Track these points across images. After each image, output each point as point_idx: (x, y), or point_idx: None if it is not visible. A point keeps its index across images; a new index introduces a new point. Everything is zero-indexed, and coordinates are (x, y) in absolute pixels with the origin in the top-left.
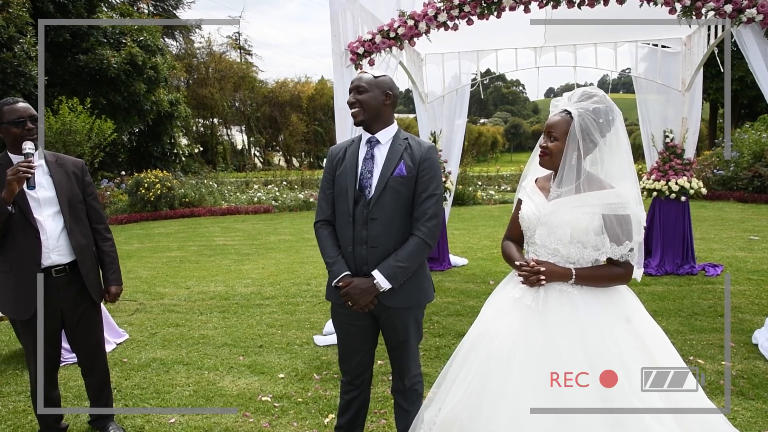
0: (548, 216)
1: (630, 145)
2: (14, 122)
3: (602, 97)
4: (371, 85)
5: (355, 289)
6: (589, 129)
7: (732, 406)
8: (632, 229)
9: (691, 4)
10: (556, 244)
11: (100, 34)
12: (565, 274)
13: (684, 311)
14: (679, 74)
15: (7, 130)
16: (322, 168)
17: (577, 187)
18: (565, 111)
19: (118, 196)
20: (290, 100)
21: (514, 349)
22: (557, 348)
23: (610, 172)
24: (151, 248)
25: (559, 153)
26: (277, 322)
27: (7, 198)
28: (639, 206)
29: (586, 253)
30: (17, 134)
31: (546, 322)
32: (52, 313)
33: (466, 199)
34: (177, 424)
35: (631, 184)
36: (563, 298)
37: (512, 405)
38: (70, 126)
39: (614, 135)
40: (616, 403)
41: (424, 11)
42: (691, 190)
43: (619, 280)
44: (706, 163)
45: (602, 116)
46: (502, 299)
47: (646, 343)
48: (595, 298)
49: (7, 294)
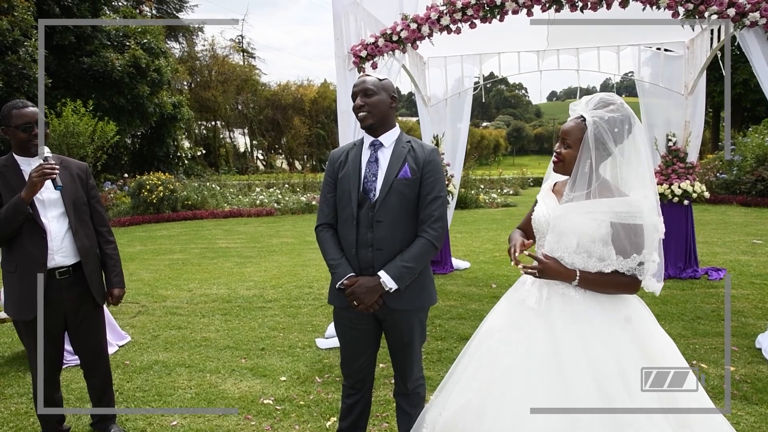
0: (557, 219)
1: (650, 153)
2: (22, 127)
3: (620, 106)
4: (378, 88)
5: (360, 288)
6: (602, 138)
7: (736, 411)
8: (643, 242)
9: (694, 7)
10: (561, 252)
11: (104, 36)
12: (570, 275)
13: (687, 315)
14: (682, 78)
15: (14, 134)
16: (325, 171)
17: (588, 194)
18: (581, 117)
19: (120, 199)
20: (293, 103)
21: (517, 351)
22: (558, 350)
23: (626, 180)
24: (154, 251)
25: (572, 160)
26: (279, 324)
27: (27, 197)
28: (655, 216)
29: (590, 263)
30: (24, 139)
31: (548, 324)
32: (55, 314)
33: (468, 203)
34: (179, 427)
35: (648, 193)
36: (565, 302)
37: (515, 406)
38: (73, 128)
39: (632, 143)
40: (616, 404)
41: (426, 14)
42: (693, 193)
43: (625, 289)
44: (709, 166)
45: (617, 125)
46: (508, 301)
47: (646, 345)
48: (597, 302)
49: (12, 294)
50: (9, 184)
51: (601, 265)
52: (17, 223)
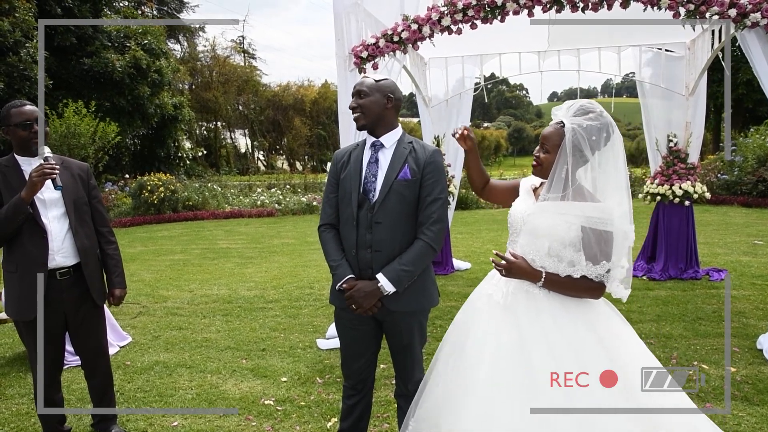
0: (531, 216)
1: (626, 162)
2: (21, 125)
3: (599, 114)
4: (372, 90)
5: (359, 292)
6: (580, 145)
7: (737, 412)
8: (611, 250)
9: (695, 7)
10: (533, 255)
11: (104, 37)
12: (536, 276)
13: (688, 316)
14: (683, 78)
15: (14, 133)
16: (326, 171)
17: (563, 196)
18: (561, 123)
19: (121, 199)
20: (293, 104)
21: (483, 345)
22: (523, 344)
23: (602, 187)
24: (155, 251)
25: (549, 165)
26: (280, 325)
27: (27, 197)
28: (626, 224)
29: (561, 268)
30: (24, 137)
31: (513, 320)
32: (55, 314)
33: (469, 203)
34: (180, 427)
35: (622, 200)
36: (530, 299)
37: (479, 400)
38: (74, 129)
39: (609, 151)
40: (581, 403)
41: (427, 15)
42: (695, 194)
43: (590, 293)
44: (710, 167)
45: (595, 133)
46: (477, 296)
47: (611, 346)
48: (560, 302)
49: (12, 294)
50: (9, 184)
51: (571, 270)
52: (17, 223)
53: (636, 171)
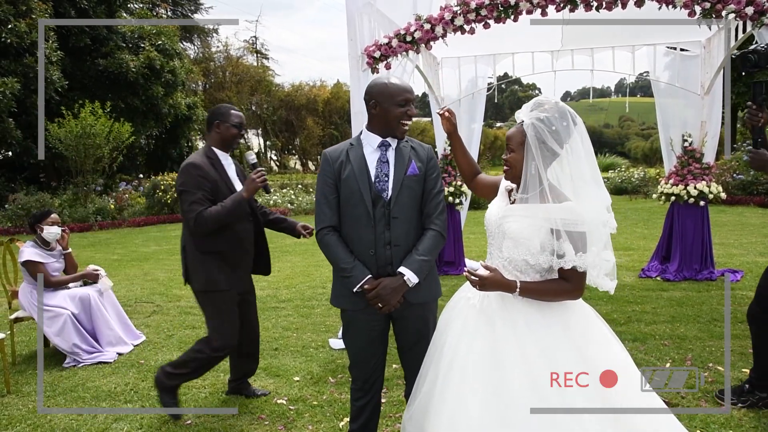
0: (501, 219)
1: (593, 153)
2: (237, 125)
3: (552, 105)
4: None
5: (385, 290)
6: (542, 137)
7: (737, 413)
8: (586, 245)
9: (711, 6)
10: (509, 253)
11: (119, 38)
12: (510, 287)
13: (703, 317)
14: (698, 77)
15: (228, 130)
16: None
17: (537, 196)
18: (522, 122)
19: (135, 199)
20: (306, 104)
21: (458, 349)
22: (497, 348)
23: (578, 179)
24: (168, 250)
25: (517, 164)
26: (293, 325)
27: (248, 196)
28: (603, 214)
29: (541, 266)
30: (235, 135)
31: (488, 323)
32: (241, 281)
33: (482, 204)
34: (193, 426)
35: (592, 196)
36: (505, 302)
37: (452, 403)
38: (90, 129)
39: (578, 139)
40: (555, 404)
41: (440, 15)
42: (710, 194)
43: (566, 296)
44: (726, 167)
45: (555, 123)
46: (457, 298)
47: (586, 349)
48: (536, 306)
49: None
50: (217, 171)
51: (552, 275)
52: (235, 217)
53: (650, 171)
